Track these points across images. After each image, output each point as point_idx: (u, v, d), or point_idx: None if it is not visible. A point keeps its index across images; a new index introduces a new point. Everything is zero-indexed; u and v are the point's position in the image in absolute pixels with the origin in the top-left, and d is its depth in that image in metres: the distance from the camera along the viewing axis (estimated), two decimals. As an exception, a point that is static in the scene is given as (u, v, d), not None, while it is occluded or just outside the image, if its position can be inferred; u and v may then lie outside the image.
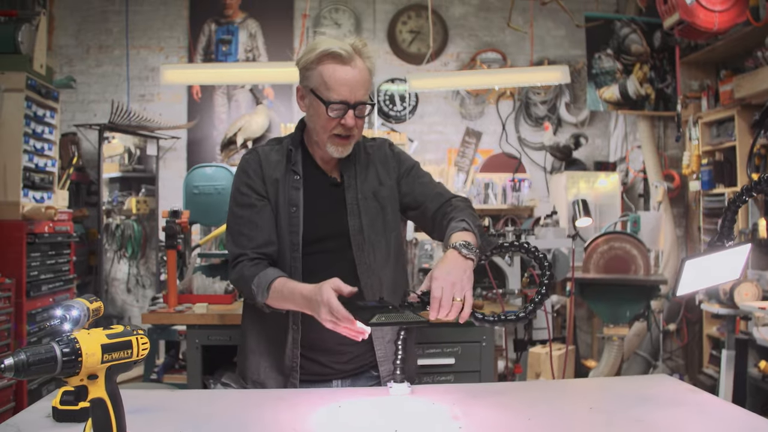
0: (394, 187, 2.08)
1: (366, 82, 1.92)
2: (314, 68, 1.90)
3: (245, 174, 2.02)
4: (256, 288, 1.89)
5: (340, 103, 1.88)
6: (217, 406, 1.72)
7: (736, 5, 4.16)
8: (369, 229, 2.00)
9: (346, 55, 1.86)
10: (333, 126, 1.91)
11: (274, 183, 1.99)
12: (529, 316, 1.70)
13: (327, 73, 1.88)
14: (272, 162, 2.02)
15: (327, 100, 1.88)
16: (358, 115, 1.92)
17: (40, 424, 1.51)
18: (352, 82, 1.87)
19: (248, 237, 1.96)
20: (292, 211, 1.97)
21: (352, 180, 2.03)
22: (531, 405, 1.72)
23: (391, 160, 2.11)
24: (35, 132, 4.29)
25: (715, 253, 1.82)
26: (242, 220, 1.99)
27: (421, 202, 2.06)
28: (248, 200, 1.99)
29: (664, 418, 1.59)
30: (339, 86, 1.87)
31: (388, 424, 1.53)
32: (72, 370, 1.05)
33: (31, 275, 4.17)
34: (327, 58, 1.88)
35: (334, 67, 1.87)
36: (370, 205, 2.02)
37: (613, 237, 4.85)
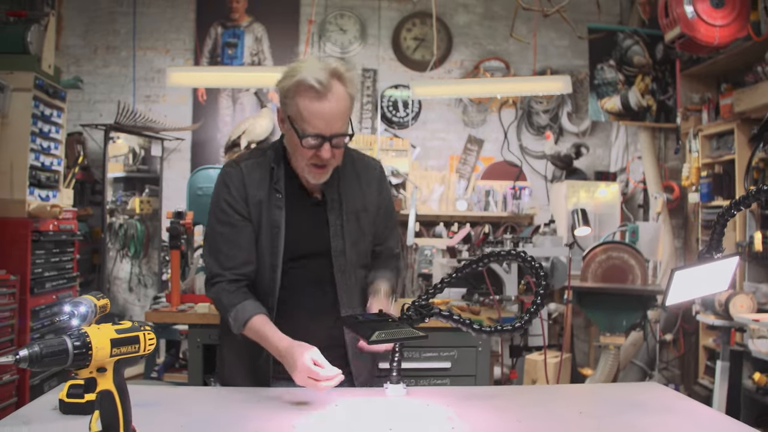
0: (373, 217, 2.10)
1: (343, 114, 1.87)
2: (291, 97, 1.86)
3: (227, 190, 1.99)
4: (233, 321, 1.91)
5: (315, 136, 1.85)
6: (217, 402, 1.77)
7: (737, 20, 4.21)
8: (351, 251, 2.03)
9: (321, 88, 1.81)
10: (309, 156, 1.89)
11: (257, 204, 1.98)
12: (525, 326, 1.74)
13: (302, 104, 1.83)
14: (255, 180, 1.99)
15: (302, 133, 1.85)
16: (335, 145, 1.89)
17: (47, 416, 1.56)
18: (328, 116, 1.84)
19: (227, 256, 1.96)
20: (273, 232, 1.97)
21: (335, 199, 2.03)
22: (522, 408, 1.77)
23: (377, 188, 2.13)
24: (42, 131, 4.34)
25: (704, 265, 1.87)
26: (222, 237, 1.98)
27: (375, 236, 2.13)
28: (229, 219, 1.98)
29: (653, 425, 1.63)
30: (314, 119, 1.83)
31: (383, 423, 1.58)
32: (82, 363, 1.10)
33: (35, 272, 4.21)
34: (303, 89, 1.83)
35: (310, 99, 1.83)
36: (353, 227, 2.05)
37: (612, 247, 4.89)
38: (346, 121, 1.90)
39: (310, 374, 1.69)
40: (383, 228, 2.16)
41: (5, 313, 3.93)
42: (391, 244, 2.20)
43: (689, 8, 4.16)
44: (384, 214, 2.15)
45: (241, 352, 2.03)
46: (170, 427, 1.41)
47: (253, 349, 1.95)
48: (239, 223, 1.97)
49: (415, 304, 1.75)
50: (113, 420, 1.14)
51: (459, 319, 1.71)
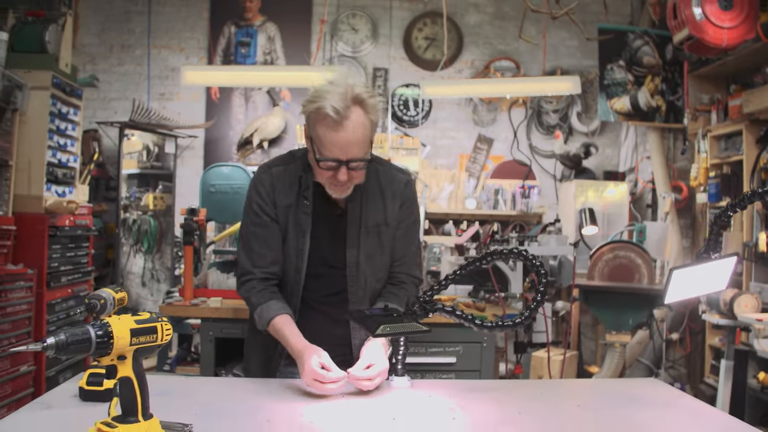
0: (393, 231, 2.15)
1: (360, 141, 1.91)
2: (312, 121, 1.92)
3: (258, 194, 2.09)
4: (258, 318, 2.02)
5: (331, 160, 1.91)
6: (229, 392, 1.85)
7: (745, 22, 4.24)
8: (365, 263, 2.10)
9: (338, 118, 1.85)
10: (327, 176, 1.96)
11: (284, 209, 2.07)
12: (525, 322, 1.80)
13: (321, 131, 1.90)
14: (285, 186, 2.08)
15: (320, 157, 1.92)
16: (352, 168, 1.93)
17: (68, 402, 1.64)
18: (344, 144, 1.89)
19: (259, 254, 2.08)
20: (299, 237, 2.07)
21: (356, 211, 2.10)
22: (522, 401, 1.83)
23: (400, 203, 2.16)
24: (59, 128, 4.44)
25: (702, 264, 1.92)
26: (255, 236, 2.09)
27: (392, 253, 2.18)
28: (260, 220, 2.08)
29: (650, 418, 1.69)
30: (331, 146, 1.89)
31: (387, 412, 1.65)
32: (104, 351, 1.17)
33: (51, 266, 4.31)
34: (322, 117, 1.88)
35: (327, 127, 1.88)
36: (371, 240, 2.11)
37: (619, 246, 4.93)
38: (365, 145, 1.94)
39: (316, 377, 1.77)
40: (402, 244, 2.19)
41: (23, 306, 4.03)
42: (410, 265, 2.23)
43: (698, 10, 4.19)
44: (404, 228, 2.19)
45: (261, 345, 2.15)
46: (184, 414, 1.48)
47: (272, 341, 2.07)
48: (269, 225, 2.08)
49: (419, 299, 1.81)
50: (132, 404, 1.22)
51: (462, 315, 1.77)
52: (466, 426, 1.58)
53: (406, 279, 2.22)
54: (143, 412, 1.23)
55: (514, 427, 1.58)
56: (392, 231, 2.15)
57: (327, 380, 1.76)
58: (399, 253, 2.19)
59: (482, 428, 1.57)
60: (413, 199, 2.22)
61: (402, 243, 2.19)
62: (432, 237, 5.88)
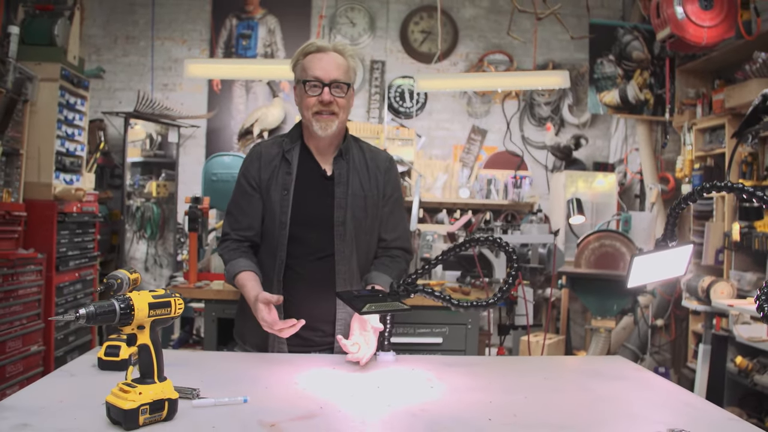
0: (378, 201, 2.36)
1: (341, 66, 2.23)
2: (299, 63, 2.26)
3: (245, 165, 2.37)
4: (227, 273, 2.30)
5: (314, 80, 2.20)
6: (231, 364, 2.06)
7: (725, 21, 4.41)
8: (351, 223, 2.29)
9: (321, 46, 2.22)
10: (313, 103, 2.22)
11: (269, 172, 2.31)
12: (496, 303, 2.00)
13: (305, 61, 2.24)
14: (271, 154, 2.34)
15: (303, 80, 2.22)
16: (335, 93, 2.21)
17: (88, 371, 1.84)
18: (326, 65, 2.20)
19: (236, 219, 2.36)
20: (283, 194, 2.28)
21: (343, 176, 2.31)
22: (495, 373, 2.04)
23: (385, 177, 2.39)
24: (67, 119, 4.62)
25: (661, 252, 2.11)
26: (235, 204, 2.38)
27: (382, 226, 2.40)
28: (243, 188, 2.35)
29: (606, 388, 1.89)
30: (314, 68, 2.21)
31: (372, 382, 1.86)
32: (126, 321, 1.38)
33: (60, 251, 4.49)
34: (307, 50, 2.24)
35: (312, 55, 2.23)
36: (358, 203, 2.31)
37: (605, 235, 5.12)
38: (346, 73, 2.25)
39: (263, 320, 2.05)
40: (389, 215, 2.39)
41: (33, 288, 4.22)
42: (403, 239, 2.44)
43: (679, 9, 4.36)
44: (391, 203, 2.40)
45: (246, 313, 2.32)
46: (193, 381, 1.68)
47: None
48: (250, 194, 2.33)
49: (403, 281, 2.01)
50: (149, 368, 1.42)
51: (439, 296, 1.96)
52: (441, 393, 1.78)
53: (399, 253, 2.43)
54: (159, 374, 1.43)
55: (484, 393, 1.78)
56: (376, 199, 2.35)
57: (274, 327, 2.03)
58: (392, 227, 2.40)
59: (454, 395, 1.77)
60: (397, 175, 2.46)
61: (394, 218, 2.41)
62: (425, 225, 6.06)
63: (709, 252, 5.26)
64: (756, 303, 1.59)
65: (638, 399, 1.80)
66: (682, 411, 1.69)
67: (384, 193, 2.38)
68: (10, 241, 4.07)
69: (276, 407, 1.57)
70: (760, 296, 1.59)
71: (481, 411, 1.61)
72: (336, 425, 1.49)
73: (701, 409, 1.70)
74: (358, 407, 1.61)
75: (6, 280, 3.94)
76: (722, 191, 1.87)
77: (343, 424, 1.50)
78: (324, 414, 1.55)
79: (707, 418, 1.65)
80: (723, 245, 5.11)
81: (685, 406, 1.72)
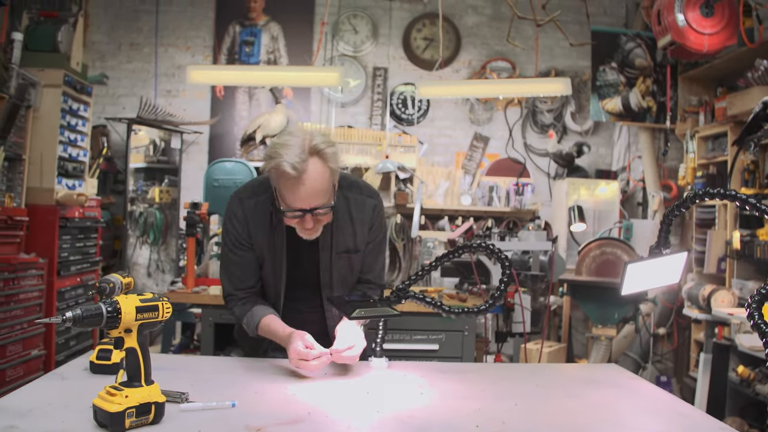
0: (363, 254, 2.32)
1: (321, 190, 2.00)
2: (273, 175, 2.01)
3: (233, 226, 2.22)
4: (246, 327, 2.22)
5: (295, 211, 2.01)
6: (223, 369, 2.06)
7: (726, 29, 4.41)
8: (338, 284, 2.28)
9: (296, 173, 1.93)
10: (295, 223, 2.08)
11: (259, 239, 2.21)
12: (488, 310, 2.01)
13: (281, 186, 2.00)
14: (257, 219, 2.20)
15: (284, 208, 2.03)
16: (318, 214, 2.04)
17: (80, 374, 1.85)
18: (305, 197, 1.98)
19: (239, 278, 2.26)
20: (276, 264, 2.23)
21: (327, 239, 2.22)
22: (488, 380, 2.03)
23: (370, 227, 2.30)
24: (70, 124, 4.64)
25: (655, 259, 2.10)
26: (233, 262, 2.25)
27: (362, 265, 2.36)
28: (237, 248, 2.22)
29: (598, 396, 1.89)
30: (292, 200, 1.99)
31: (362, 388, 1.86)
32: (113, 325, 1.39)
33: (61, 256, 4.52)
34: (280, 173, 1.95)
35: (287, 182, 1.96)
36: (343, 264, 2.27)
37: (606, 242, 5.10)
38: (327, 193, 2.04)
39: (301, 356, 1.93)
40: (370, 258, 2.36)
41: (34, 293, 4.24)
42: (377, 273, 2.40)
43: (680, 17, 4.36)
44: (372, 247, 2.35)
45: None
46: (182, 385, 1.68)
47: None
48: (246, 252, 2.23)
49: (396, 288, 2.01)
50: (136, 371, 1.43)
51: (431, 302, 1.96)
52: (431, 399, 1.78)
53: (373, 286, 2.40)
54: (146, 378, 1.44)
55: (474, 400, 1.78)
56: (361, 255, 2.32)
57: (310, 357, 1.93)
58: (368, 265, 2.36)
59: (444, 401, 1.77)
60: (382, 219, 2.35)
61: (371, 257, 2.35)
62: (427, 232, 6.07)
63: (711, 260, 5.24)
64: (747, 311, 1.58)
65: (630, 408, 1.80)
66: (674, 420, 1.68)
67: (368, 240, 2.33)
68: (11, 246, 4.09)
69: (264, 412, 1.58)
70: (750, 304, 1.58)
71: (469, 418, 1.61)
72: (323, 430, 1.50)
73: (694, 419, 1.69)
74: (347, 413, 1.62)
75: (7, 284, 3.95)
76: (715, 198, 1.86)
77: (330, 429, 1.51)
78: (311, 419, 1.55)
79: (699, 428, 1.64)
80: (725, 253, 5.09)
81: (678, 416, 1.71)
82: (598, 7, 6.87)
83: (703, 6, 4.50)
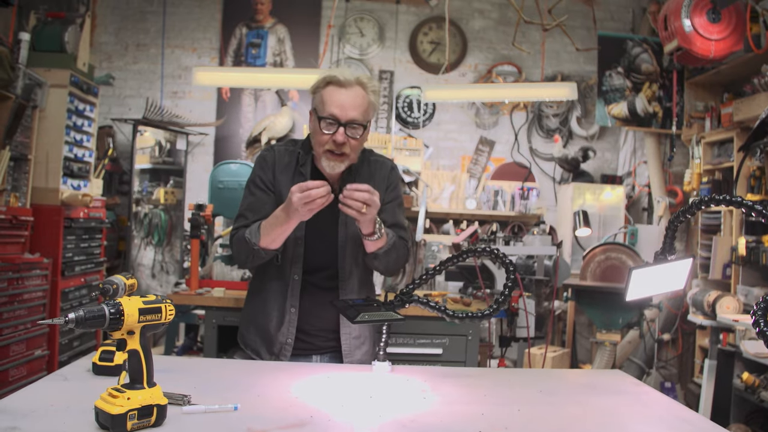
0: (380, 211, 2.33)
1: (360, 106, 2.19)
2: (319, 92, 2.22)
3: (260, 167, 2.36)
4: (250, 235, 2.24)
5: (330, 118, 2.17)
6: (226, 371, 2.05)
7: (733, 34, 4.39)
8: (352, 241, 2.32)
9: (344, 80, 2.18)
10: (326, 141, 2.19)
11: (283, 181, 2.31)
12: (492, 314, 2.00)
13: (325, 93, 2.20)
14: (284, 162, 2.35)
15: (320, 115, 2.19)
16: (350, 134, 2.18)
17: (82, 375, 1.85)
18: (345, 103, 2.17)
19: (250, 215, 2.32)
20: None
21: None
22: (490, 385, 2.02)
23: (386, 182, 2.41)
24: (75, 125, 4.66)
25: (660, 265, 2.10)
26: (250, 206, 2.34)
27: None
28: (257, 188, 2.34)
29: (601, 402, 1.88)
30: (332, 105, 2.17)
31: (365, 392, 1.85)
32: (116, 326, 1.38)
33: (66, 256, 4.53)
34: (328, 80, 2.20)
35: (332, 89, 2.19)
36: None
37: (611, 248, 5.09)
38: (364, 113, 2.21)
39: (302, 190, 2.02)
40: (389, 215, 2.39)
41: (38, 293, 4.25)
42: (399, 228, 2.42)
43: (687, 22, 4.35)
44: (390, 208, 2.40)
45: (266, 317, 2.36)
46: (184, 387, 1.68)
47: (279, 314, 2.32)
48: (264, 195, 2.32)
49: (399, 291, 2.01)
50: (138, 373, 1.42)
51: (434, 306, 1.96)
52: (433, 404, 1.77)
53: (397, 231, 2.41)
54: (148, 380, 1.43)
55: (477, 405, 1.77)
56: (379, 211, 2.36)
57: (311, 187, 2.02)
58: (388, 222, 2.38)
59: (447, 406, 1.75)
60: (398, 182, 2.47)
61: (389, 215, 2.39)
62: (432, 236, 6.07)
63: (716, 266, 5.22)
64: (752, 318, 1.57)
65: (633, 414, 1.79)
66: (678, 427, 1.67)
67: (384, 201, 2.38)
68: (16, 246, 4.10)
69: (266, 415, 1.57)
70: (756, 311, 1.57)
71: (472, 423, 1.60)
72: (325, 434, 1.49)
73: (697, 426, 1.68)
74: (349, 417, 1.61)
75: (11, 284, 3.96)
76: (720, 204, 1.85)
77: (332, 433, 1.50)
78: (313, 423, 1.54)
79: (702, 434, 1.63)
80: (730, 260, 5.07)
81: (682, 423, 1.70)
82: (605, 12, 6.86)
83: (710, 12, 4.49)
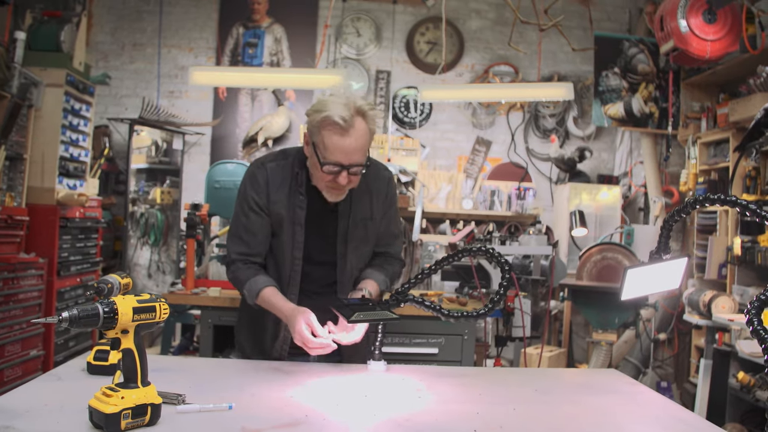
0: (378, 224, 2.37)
1: (362, 147, 2.11)
2: (317, 128, 2.09)
3: (252, 188, 2.26)
4: (248, 292, 2.22)
5: (334, 164, 2.08)
6: (221, 371, 2.06)
7: (729, 35, 4.40)
8: (352, 255, 2.31)
9: (345, 125, 2.04)
10: (327, 180, 2.13)
11: (278, 202, 2.24)
12: (487, 314, 2.00)
13: (327, 137, 2.06)
14: (278, 181, 2.25)
15: (323, 161, 2.09)
16: (352, 173, 2.12)
17: (77, 375, 1.85)
18: (348, 150, 2.07)
19: (246, 244, 2.27)
20: (296, 229, 2.25)
21: (346, 207, 2.28)
22: (486, 384, 2.03)
23: (385, 197, 2.38)
24: (71, 124, 4.65)
25: (655, 265, 2.10)
26: (244, 227, 2.27)
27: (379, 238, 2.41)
28: (252, 211, 2.25)
29: (597, 401, 1.88)
30: (335, 152, 2.07)
31: (360, 391, 1.85)
32: (110, 325, 1.38)
33: (62, 256, 4.52)
34: (328, 124, 2.05)
35: (334, 133, 2.05)
36: (359, 233, 2.32)
37: (607, 247, 5.09)
38: (365, 152, 2.14)
39: (305, 340, 1.99)
40: (386, 232, 2.41)
41: (34, 293, 4.24)
42: (394, 249, 2.46)
43: (683, 23, 4.36)
44: (387, 219, 2.41)
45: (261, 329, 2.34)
46: (180, 387, 1.68)
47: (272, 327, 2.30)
48: (259, 217, 2.25)
49: (395, 291, 2.01)
50: (132, 372, 1.42)
51: (430, 305, 1.96)
52: (428, 403, 1.77)
53: (391, 259, 2.45)
54: (142, 379, 1.43)
55: (472, 404, 1.77)
56: (377, 224, 2.36)
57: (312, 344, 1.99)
58: (385, 237, 2.41)
59: (442, 405, 1.76)
60: (394, 191, 2.45)
61: (387, 229, 2.41)
62: (428, 236, 6.06)
63: (712, 266, 5.23)
64: (746, 317, 1.58)
65: (628, 413, 1.79)
66: (672, 426, 1.67)
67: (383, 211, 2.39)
68: (11, 245, 4.10)
69: (261, 414, 1.57)
70: (750, 310, 1.58)
71: (466, 422, 1.60)
72: (319, 433, 1.49)
73: (693, 425, 1.68)
74: (344, 416, 1.61)
75: (6, 283, 3.96)
76: (715, 204, 1.86)
77: (327, 432, 1.50)
78: (308, 422, 1.54)
79: (696, 433, 1.63)
80: (726, 259, 5.08)
81: (678, 422, 1.71)
82: (602, 12, 6.86)
83: (705, 12, 4.50)
